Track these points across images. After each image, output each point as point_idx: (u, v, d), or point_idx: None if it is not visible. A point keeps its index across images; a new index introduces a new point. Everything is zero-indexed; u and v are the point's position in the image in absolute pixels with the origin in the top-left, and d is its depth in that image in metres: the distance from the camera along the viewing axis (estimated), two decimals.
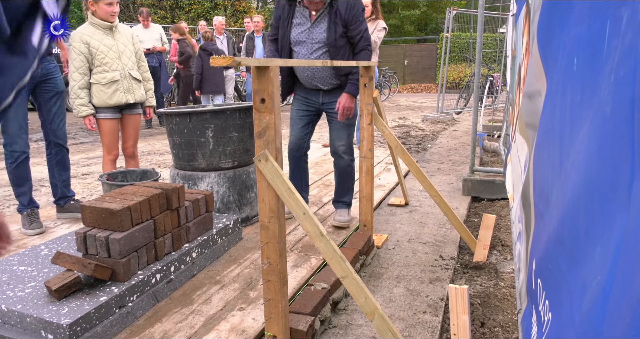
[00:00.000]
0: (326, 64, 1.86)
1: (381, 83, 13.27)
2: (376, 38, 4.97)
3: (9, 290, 1.89)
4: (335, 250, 1.51)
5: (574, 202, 0.71)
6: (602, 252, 0.57)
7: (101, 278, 1.91)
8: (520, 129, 1.71)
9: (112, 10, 3.02)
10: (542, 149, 1.08)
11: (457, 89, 13.77)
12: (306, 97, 2.90)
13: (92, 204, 2.02)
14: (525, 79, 1.65)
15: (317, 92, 2.85)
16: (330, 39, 2.64)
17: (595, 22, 0.68)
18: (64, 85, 3.09)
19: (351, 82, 2.68)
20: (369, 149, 2.59)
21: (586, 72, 0.72)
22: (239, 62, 1.27)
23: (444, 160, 5.27)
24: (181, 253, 2.25)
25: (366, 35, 2.68)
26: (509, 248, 2.85)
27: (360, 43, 2.68)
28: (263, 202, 1.54)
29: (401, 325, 1.97)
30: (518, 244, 1.47)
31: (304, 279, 2.27)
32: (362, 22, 2.67)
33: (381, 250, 2.76)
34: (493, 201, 3.81)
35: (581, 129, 0.72)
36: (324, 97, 2.85)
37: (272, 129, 1.47)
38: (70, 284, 1.83)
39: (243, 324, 1.89)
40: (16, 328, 1.75)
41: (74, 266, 1.88)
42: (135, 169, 3.00)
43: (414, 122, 8.77)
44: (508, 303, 2.20)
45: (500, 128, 6.13)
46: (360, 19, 2.66)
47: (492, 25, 15.89)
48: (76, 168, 5.21)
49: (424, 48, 19.58)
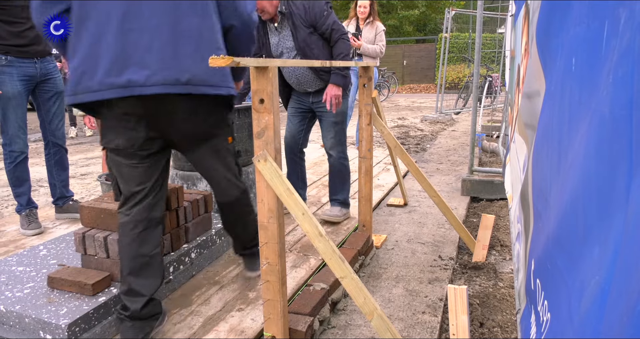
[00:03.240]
0: (325, 64, 1.86)
1: (380, 83, 13.27)
2: (382, 47, 5.00)
3: (8, 291, 1.89)
4: (334, 250, 1.51)
5: (572, 203, 0.71)
6: (601, 252, 0.57)
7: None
8: (519, 130, 1.71)
9: None
10: (540, 150, 1.08)
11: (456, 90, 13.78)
12: (299, 97, 3.03)
13: (91, 204, 2.02)
14: (524, 80, 1.65)
15: (308, 94, 2.97)
16: (298, 44, 2.71)
17: (594, 23, 0.68)
18: (63, 85, 3.09)
19: (334, 72, 2.72)
20: (368, 149, 2.59)
21: (585, 73, 0.72)
22: (238, 62, 1.27)
23: (443, 160, 5.27)
24: (180, 254, 2.25)
25: (336, 27, 2.72)
26: (507, 248, 2.85)
27: (334, 35, 2.73)
28: (262, 203, 1.54)
29: (400, 325, 1.97)
30: (517, 245, 1.47)
31: (303, 280, 2.27)
32: (327, 16, 2.70)
33: (380, 250, 2.76)
34: (492, 201, 3.81)
35: (580, 129, 0.72)
36: (313, 97, 2.95)
37: (271, 130, 1.47)
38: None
39: (242, 325, 1.88)
40: (15, 328, 1.75)
41: (71, 288, 1.87)
42: None
43: (413, 122, 8.77)
44: (507, 303, 2.20)
45: (499, 128, 6.14)
46: (325, 14, 2.69)
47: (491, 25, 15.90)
48: (75, 168, 5.20)
49: (422, 48, 19.59)
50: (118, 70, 1.56)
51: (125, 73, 1.56)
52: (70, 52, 1.62)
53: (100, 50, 1.57)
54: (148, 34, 1.57)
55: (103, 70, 1.56)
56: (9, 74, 2.75)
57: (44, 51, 2.92)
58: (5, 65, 2.74)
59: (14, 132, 2.84)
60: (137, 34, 1.57)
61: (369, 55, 5.06)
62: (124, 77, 1.56)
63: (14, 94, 2.78)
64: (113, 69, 1.56)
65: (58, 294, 1.86)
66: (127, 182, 1.75)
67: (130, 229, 1.73)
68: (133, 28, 1.57)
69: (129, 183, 1.75)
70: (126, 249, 1.73)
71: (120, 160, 1.74)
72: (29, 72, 2.84)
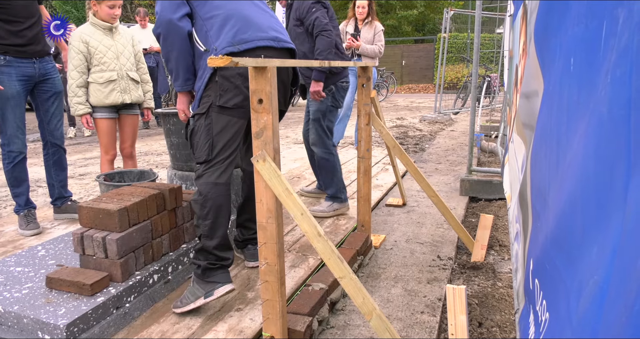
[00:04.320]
0: (324, 65, 1.86)
1: (379, 83, 13.27)
2: (380, 47, 5.01)
3: (6, 291, 1.89)
4: (333, 250, 1.51)
5: (570, 202, 0.71)
6: (599, 252, 0.57)
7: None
8: (518, 129, 1.71)
9: (113, 13, 3.04)
10: (539, 149, 1.08)
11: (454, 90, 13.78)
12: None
13: (89, 204, 2.01)
14: (523, 80, 1.65)
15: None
16: (289, 31, 3.05)
17: (592, 23, 0.69)
18: (62, 85, 3.09)
19: (314, 69, 2.96)
20: (367, 149, 2.59)
21: (583, 73, 0.72)
22: (237, 62, 1.27)
23: (442, 160, 5.27)
24: (179, 254, 2.25)
25: (317, 23, 2.94)
26: (506, 248, 2.85)
27: (314, 30, 2.96)
28: (261, 203, 1.54)
29: (399, 325, 1.97)
30: (515, 244, 1.47)
31: (301, 280, 2.27)
32: (313, 13, 2.95)
33: (379, 250, 2.76)
34: (490, 201, 3.81)
35: (578, 129, 0.72)
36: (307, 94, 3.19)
37: (270, 130, 1.47)
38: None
39: (241, 325, 1.88)
40: (13, 329, 1.75)
41: (70, 289, 1.87)
42: (133, 170, 3.00)
43: (411, 122, 8.78)
44: (506, 303, 2.21)
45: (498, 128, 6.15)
46: (311, 11, 2.96)
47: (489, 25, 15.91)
48: (73, 169, 5.20)
49: (421, 48, 19.60)
50: (264, 30, 2.04)
51: (270, 32, 2.06)
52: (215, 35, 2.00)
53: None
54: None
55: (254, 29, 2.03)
56: (7, 74, 2.75)
57: (43, 51, 2.92)
58: (3, 65, 2.73)
59: (13, 132, 2.83)
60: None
61: (368, 55, 5.06)
62: (271, 33, 2.06)
63: (13, 94, 2.78)
64: (261, 29, 2.05)
65: (56, 294, 1.86)
66: (228, 144, 2.00)
67: (226, 190, 2.00)
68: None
69: (230, 145, 2.01)
70: (224, 208, 1.99)
71: (228, 120, 1.99)
72: (27, 72, 2.83)
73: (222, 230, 1.98)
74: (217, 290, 1.93)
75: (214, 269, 1.96)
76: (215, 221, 1.96)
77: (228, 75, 1.97)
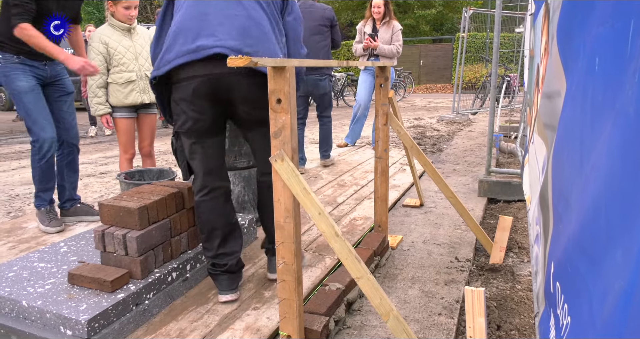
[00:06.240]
0: (342, 65, 1.85)
1: (396, 83, 13.22)
2: (398, 47, 4.98)
3: (30, 286, 1.93)
4: (350, 250, 1.51)
5: (594, 205, 0.70)
6: (624, 256, 0.56)
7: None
8: (539, 130, 1.69)
9: (129, 14, 3.08)
10: (561, 150, 1.06)
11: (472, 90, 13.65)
12: None
13: (110, 202, 2.05)
14: (544, 79, 1.63)
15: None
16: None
17: (618, 22, 0.67)
18: (72, 86, 3.13)
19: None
20: (384, 149, 2.58)
21: (609, 72, 0.71)
22: (256, 62, 1.28)
23: (460, 161, 5.22)
24: (197, 252, 2.27)
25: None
26: (525, 251, 2.81)
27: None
28: (278, 202, 1.54)
29: (416, 327, 1.96)
30: (535, 247, 1.45)
31: (318, 279, 2.27)
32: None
33: (396, 251, 2.75)
34: (510, 202, 3.76)
35: (603, 130, 0.70)
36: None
37: (288, 129, 1.48)
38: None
39: (258, 324, 1.90)
40: (36, 323, 1.79)
41: (91, 285, 1.90)
42: (152, 169, 3.04)
43: (429, 122, 8.71)
44: (525, 306, 2.18)
45: (517, 129, 6.06)
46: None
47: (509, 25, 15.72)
48: (95, 167, 5.29)
49: (439, 48, 19.45)
50: (189, 41, 1.90)
51: (197, 41, 1.90)
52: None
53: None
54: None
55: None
56: (22, 70, 2.81)
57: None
58: (17, 63, 2.80)
59: (41, 126, 2.85)
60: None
61: (386, 55, 5.04)
62: (196, 43, 1.90)
63: (32, 87, 2.83)
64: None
65: (78, 290, 1.90)
66: (203, 163, 2.03)
67: (213, 205, 2.05)
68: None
69: (205, 164, 2.03)
70: (214, 222, 2.04)
71: (191, 142, 2.00)
72: (39, 73, 2.89)
73: (217, 241, 2.05)
74: (220, 296, 2.07)
75: (216, 275, 2.07)
76: (209, 234, 2.06)
77: (177, 99, 1.94)
